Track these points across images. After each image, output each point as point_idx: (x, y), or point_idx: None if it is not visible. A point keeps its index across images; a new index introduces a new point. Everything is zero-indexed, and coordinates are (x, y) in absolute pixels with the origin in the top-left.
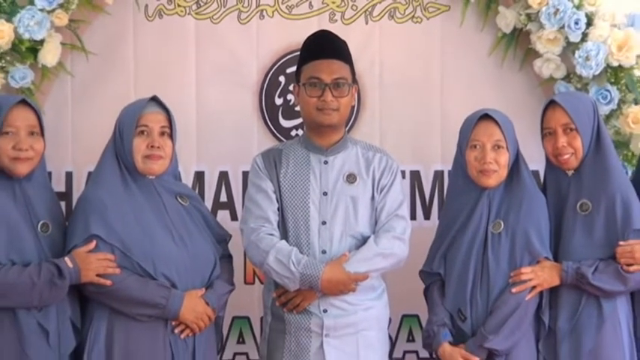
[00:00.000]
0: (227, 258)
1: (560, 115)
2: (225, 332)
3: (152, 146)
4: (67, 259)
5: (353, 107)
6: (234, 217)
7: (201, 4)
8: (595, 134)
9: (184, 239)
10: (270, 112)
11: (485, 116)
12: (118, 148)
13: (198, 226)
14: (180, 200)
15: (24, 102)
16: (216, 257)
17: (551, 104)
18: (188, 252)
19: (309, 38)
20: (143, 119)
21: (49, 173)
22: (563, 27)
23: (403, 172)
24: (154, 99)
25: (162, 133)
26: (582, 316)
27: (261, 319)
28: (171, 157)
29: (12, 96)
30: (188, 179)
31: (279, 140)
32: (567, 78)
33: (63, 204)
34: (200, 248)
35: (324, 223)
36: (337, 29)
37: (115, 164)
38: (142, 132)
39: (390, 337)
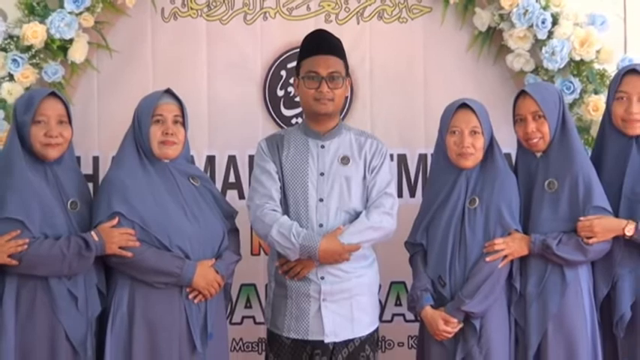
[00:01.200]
0: (234, 232)
1: (530, 104)
2: (234, 298)
3: (166, 133)
4: (93, 233)
5: (346, 98)
6: (241, 196)
7: (212, 7)
8: (560, 120)
9: (196, 215)
10: (272, 103)
11: (463, 105)
12: (137, 135)
13: (208, 204)
14: (192, 181)
15: (53, 94)
16: (224, 231)
17: (522, 94)
18: (200, 226)
19: (307, 36)
20: (158, 109)
21: (78, 157)
22: (531, 26)
23: (391, 155)
24: (168, 91)
25: (175, 122)
26: (548, 282)
27: (266, 286)
28: (183, 142)
29: (43, 89)
30: (200, 163)
31: (281, 127)
32: (536, 71)
33: (91, 185)
34: (210, 223)
35: (321, 200)
36: (332, 29)
37: (134, 149)
38: (158, 121)
39: (380, 302)
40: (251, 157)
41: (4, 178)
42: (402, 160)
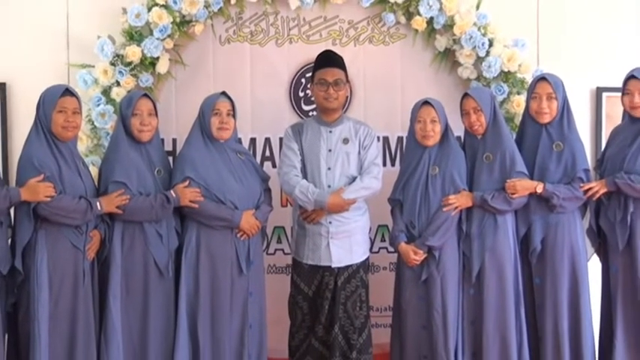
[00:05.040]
0: (268, 191)
1: (472, 102)
2: (269, 235)
3: (222, 122)
4: (171, 191)
5: (347, 97)
6: (274, 166)
7: (254, 34)
8: (493, 113)
9: (242, 179)
10: (296, 100)
11: (426, 102)
12: (202, 123)
13: (250, 171)
14: (239, 155)
15: (145, 95)
16: (261, 190)
17: (466, 95)
18: (244, 187)
19: (319, 55)
20: (217, 105)
21: (162, 139)
22: (475, 47)
23: (378, 137)
24: (224, 93)
25: (228, 114)
26: (485, 225)
27: (292, 228)
28: (234, 129)
29: (138, 91)
30: (245, 143)
31: (302, 118)
32: (477, 79)
33: (170, 158)
34: (251, 185)
35: (329, 169)
36: (337, 49)
37: (199, 133)
38: (216, 113)
39: (370, 239)
40: (281, 139)
41: (113, 153)
42: (385, 140)
